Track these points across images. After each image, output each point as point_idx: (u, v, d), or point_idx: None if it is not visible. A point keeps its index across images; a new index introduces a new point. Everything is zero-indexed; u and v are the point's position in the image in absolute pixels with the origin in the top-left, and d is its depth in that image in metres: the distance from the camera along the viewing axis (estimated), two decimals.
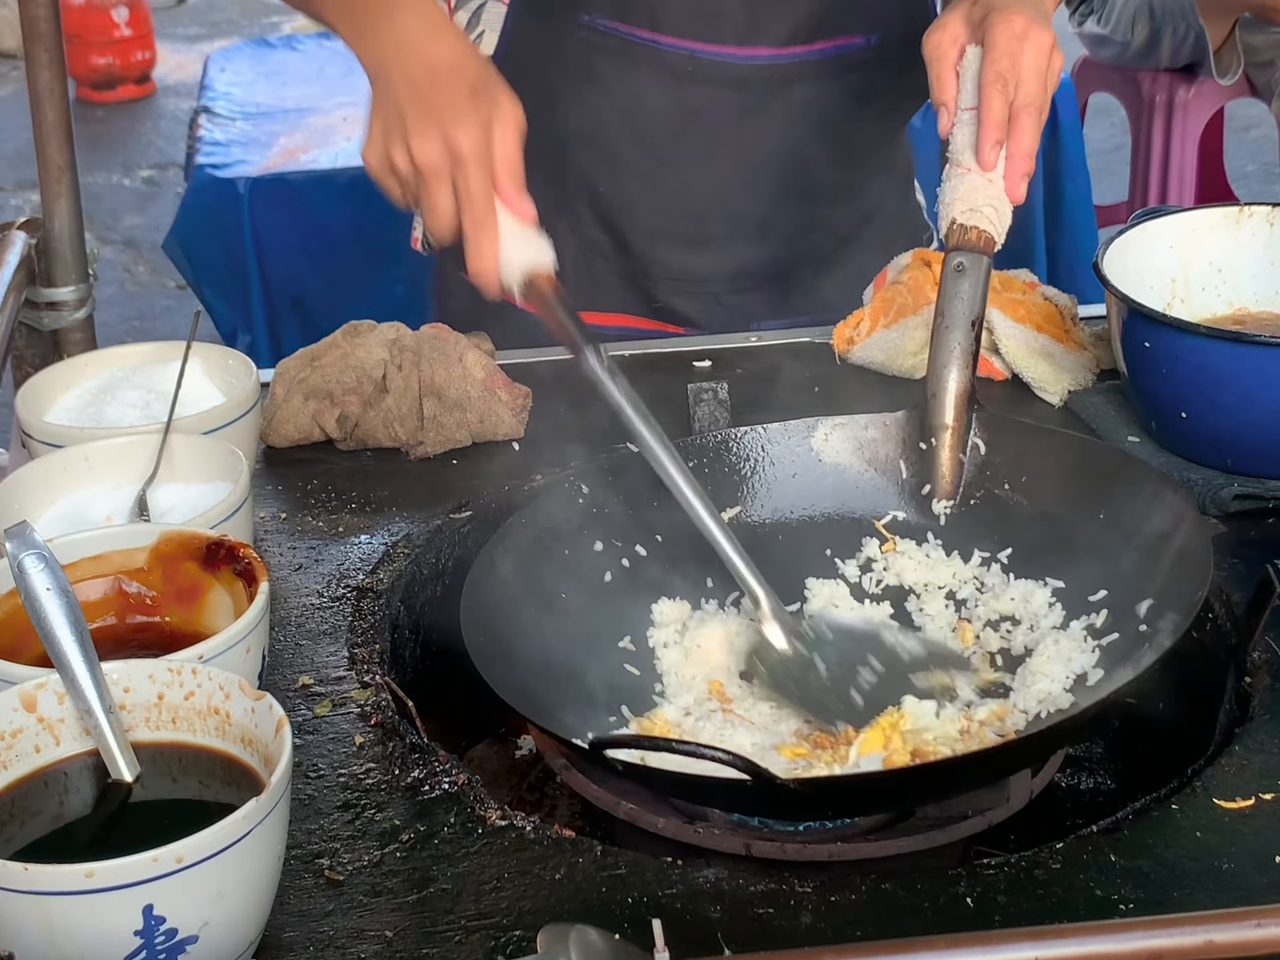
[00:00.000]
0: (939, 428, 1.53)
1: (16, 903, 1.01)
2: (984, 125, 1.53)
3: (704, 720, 1.40)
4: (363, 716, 1.36)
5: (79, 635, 1.16)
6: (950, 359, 1.52)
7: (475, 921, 1.15)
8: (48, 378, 1.64)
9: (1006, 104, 1.53)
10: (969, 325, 1.53)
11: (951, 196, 1.54)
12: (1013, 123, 1.53)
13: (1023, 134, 1.53)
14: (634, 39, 1.91)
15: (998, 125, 1.53)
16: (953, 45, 1.59)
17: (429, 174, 1.47)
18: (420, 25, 1.53)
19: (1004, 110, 1.53)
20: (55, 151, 1.88)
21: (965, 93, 1.56)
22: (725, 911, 1.16)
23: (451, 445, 1.73)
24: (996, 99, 1.53)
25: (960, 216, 1.52)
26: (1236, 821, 1.22)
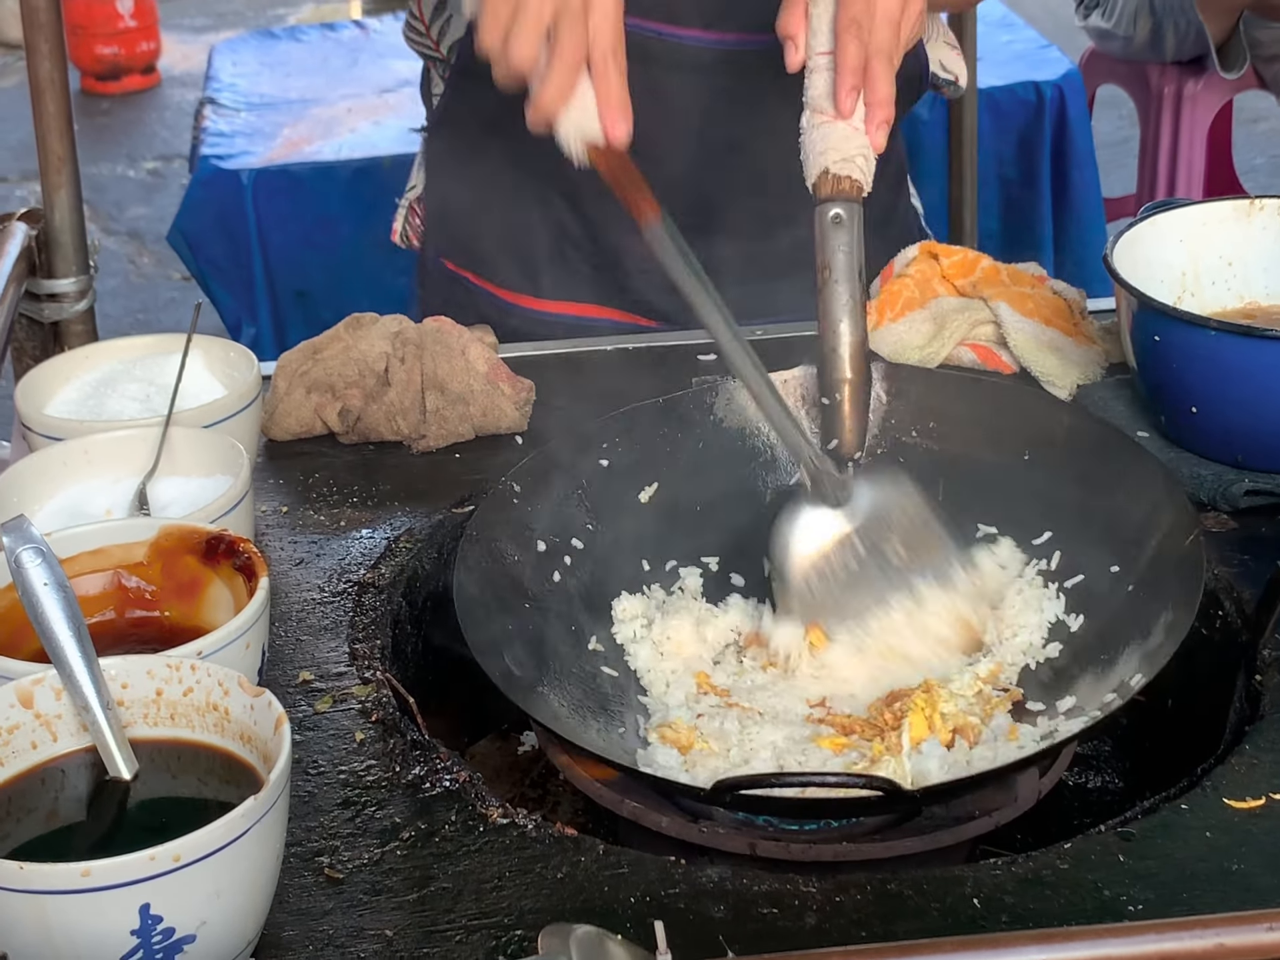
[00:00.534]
0: (839, 382, 1.50)
1: (12, 902, 1.00)
2: (840, 72, 1.50)
3: (720, 719, 1.39)
4: (363, 713, 1.34)
5: (76, 631, 1.15)
6: (843, 312, 1.49)
7: (476, 921, 1.13)
8: (48, 370, 1.63)
9: (862, 49, 1.50)
10: (856, 276, 1.49)
11: (823, 145, 1.50)
12: (865, 70, 1.50)
13: (877, 81, 1.50)
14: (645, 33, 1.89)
15: (854, 71, 1.50)
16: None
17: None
18: None
19: (859, 56, 1.50)
20: (56, 142, 1.87)
21: (820, 37, 1.53)
22: (729, 911, 1.14)
23: (454, 439, 1.72)
24: (851, 44, 1.49)
25: (834, 166, 1.48)
26: (1247, 821, 1.21)
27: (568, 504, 1.53)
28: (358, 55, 4.56)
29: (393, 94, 4.21)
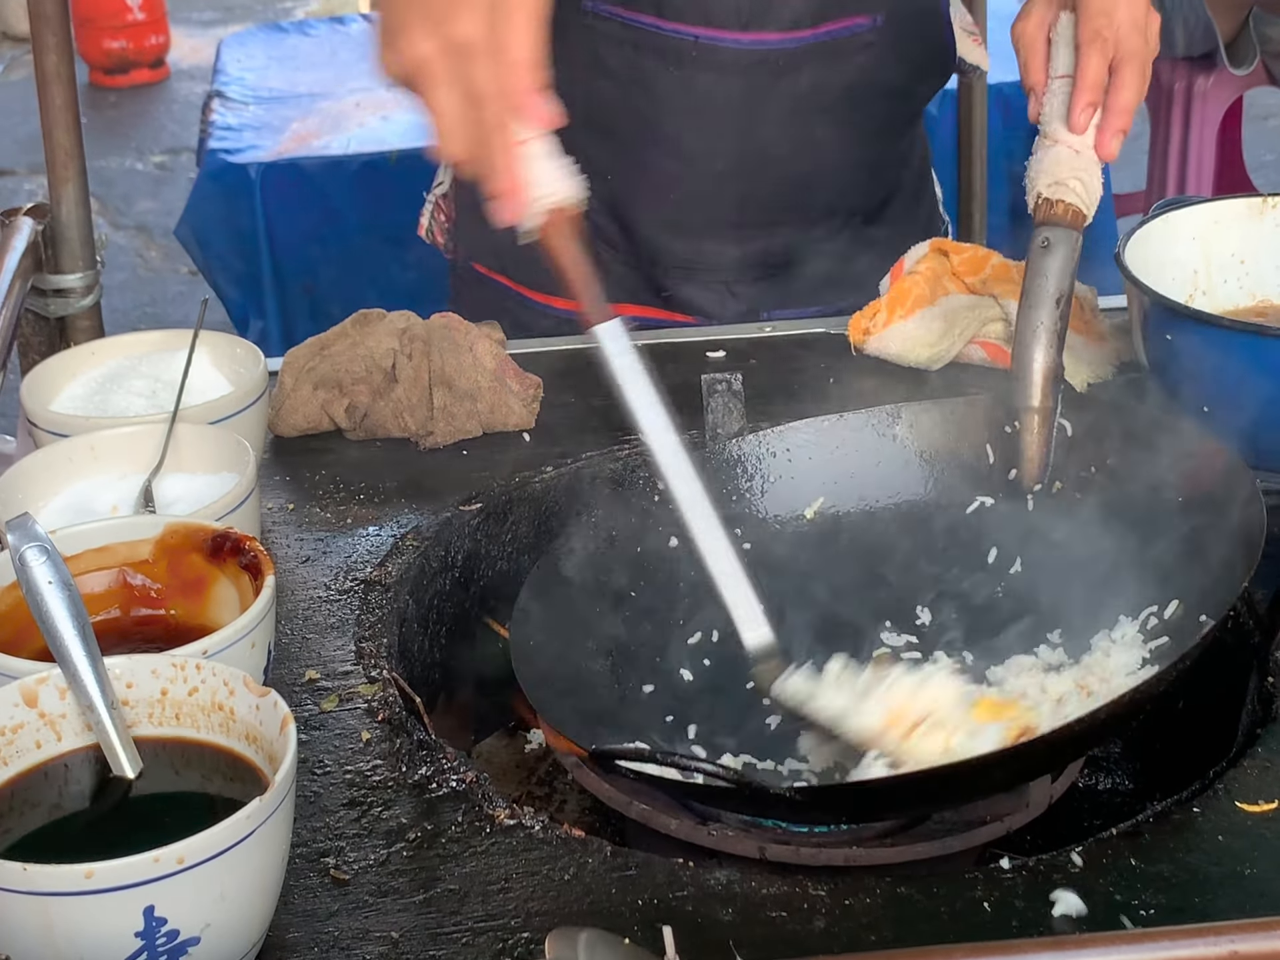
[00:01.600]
0: (1024, 410, 1.47)
1: (14, 903, 0.99)
2: (1078, 87, 1.46)
3: None
4: (370, 712, 1.34)
5: (81, 629, 1.14)
6: (1034, 339, 1.47)
7: (483, 923, 1.13)
8: (54, 366, 1.62)
9: (1105, 62, 1.46)
10: (1054, 303, 1.47)
11: (1037, 170, 1.48)
12: (1113, 76, 1.46)
13: (1124, 88, 1.46)
14: (637, 25, 1.89)
15: (1093, 87, 1.46)
16: (1040, 29, 1.53)
17: (423, 74, 1.24)
18: None
19: (1102, 70, 1.46)
20: (62, 136, 1.86)
21: (1059, 59, 1.50)
22: (737, 914, 1.13)
23: (461, 436, 1.71)
24: (1094, 57, 1.46)
25: (1046, 190, 1.47)
26: (1260, 825, 1.20)
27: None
28: (366, 49, 4.54)
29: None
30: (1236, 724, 1.38)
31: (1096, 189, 1.48)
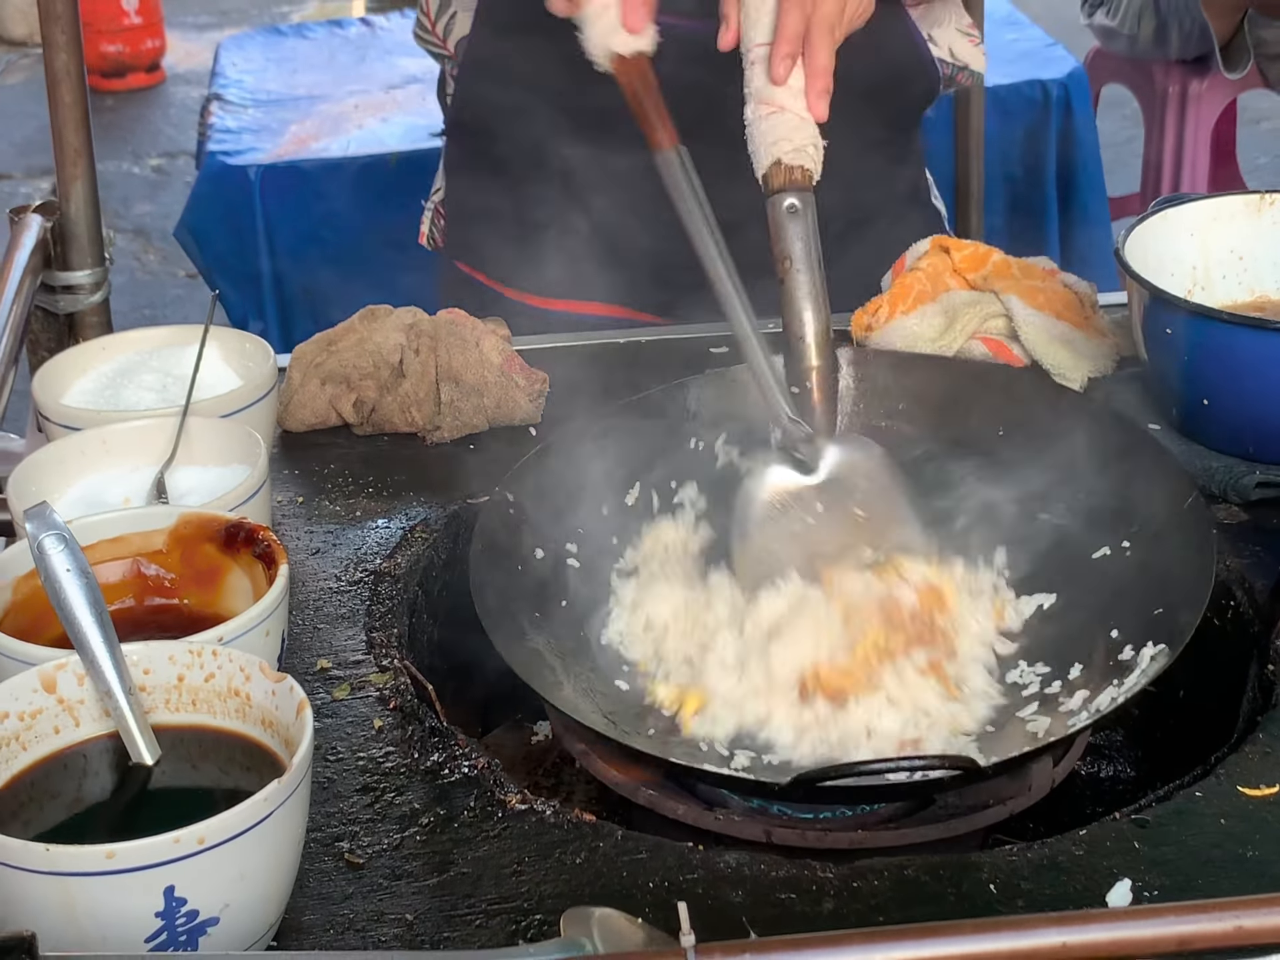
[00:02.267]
0: (807, 370, 1.50)
1: (37, 884, 1.00)
2: (777, 40, 1.52)
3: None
4: (381, 700, 1.35)
5: (99, 616, 1.15)
6: (806, 300, 1.50)
7: (496, 905, 1.14)
8: (65, 361, 1.63)
9: (803, 19, 1.52)
10: (816, 264, 1.50)
11: (773, 136, 1.51)
12: (806, 40, 1.52)
13: (816, 50, 1.52)
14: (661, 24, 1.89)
15: (790, 39, 1.52)
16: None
17: None
18: None
19: (799, 25, 1.52)
20: (72, 134, 1.87)
21: (760, 28, 1.54)
22: (747, 896, 1.15)
23: (468, 430, 1.73)
24: (793, 13, 1.52)
25: (786, 157, 1.50)
26: (1261, 809, 1.22)
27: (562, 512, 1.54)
28: (365, 52, 4.56)
29: (400, 90, 4.21)
30: (1237, 712, 1.40)
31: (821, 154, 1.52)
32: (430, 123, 3.91)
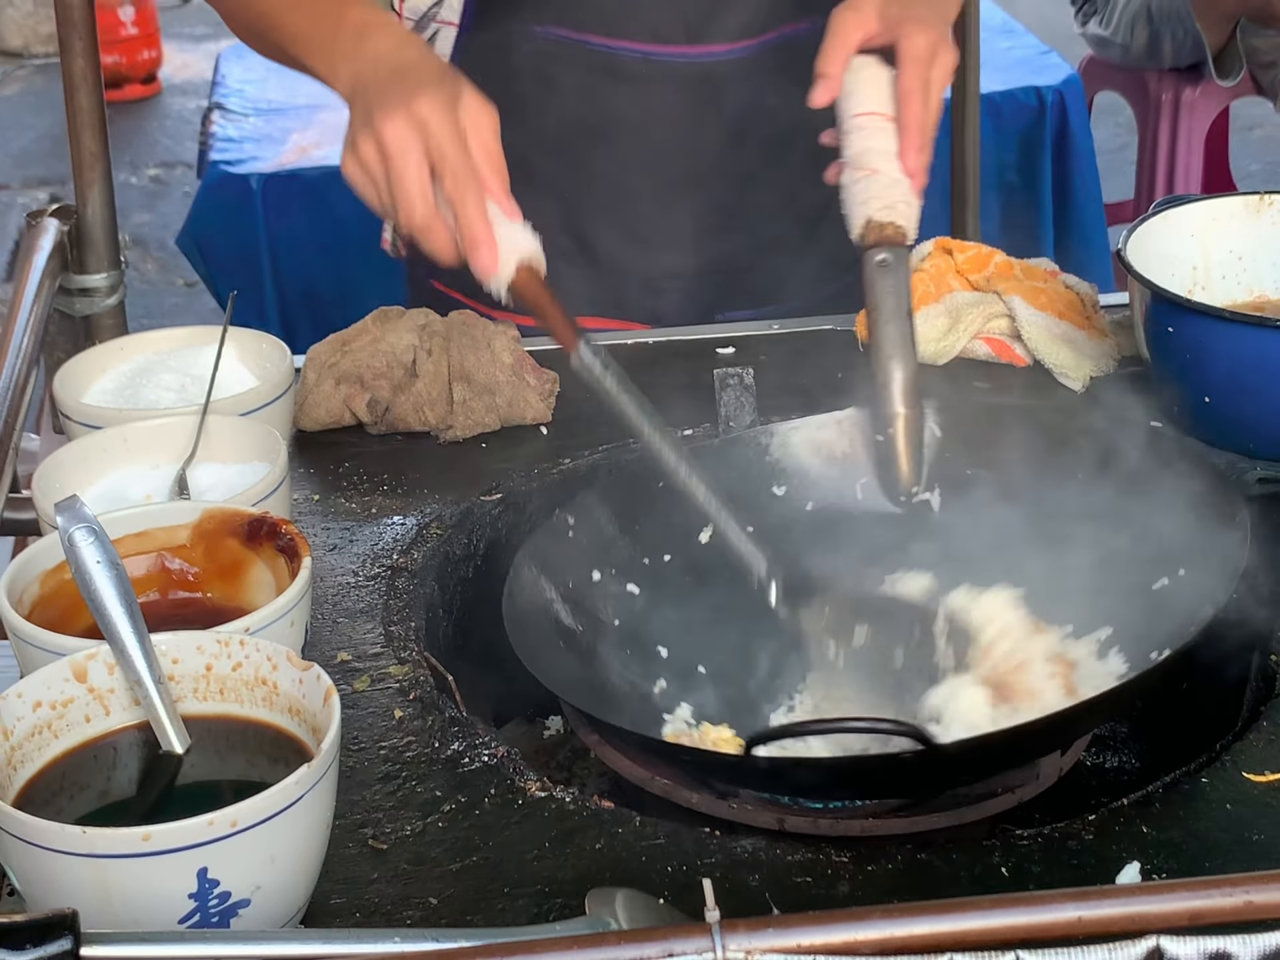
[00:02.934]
0: (891, 417, 1.54)
1: (74, 866, 1.02)
2: (911, 132, 1.59)
3: None
4: (401, 691, 1.38)
5: (129, 607, 1.17)
6: (894, 350, 1.54)
7: (518, 889, 1.16)
8: (84, 361, 1.66)
9: (924, 107, 1.60)
10: (905, 315, 1.55)
11: (865, 195, 1.57)
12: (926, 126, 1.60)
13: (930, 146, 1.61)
14: (588, 45, 1.93)
15: (921, 132, 1.59)
16: (858, 29, 1.64)
17: (396, 151, 1.42)
18: (390, 41, 1.58)
19: (924, 116, 1.60)
20: (89, 139, 1.90)
21: (858, 98, 1.61)
22: (764, 880, 1.17)
23: (480, 429, 1.75)
24: (919, 108, 1.60)
25: (876, 214, 1.55)
26: (1266, 794, 1.24)
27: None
28: None
29: None
30: (1239, 703, 1.42)
31: (918, 214, 1.58)
32: None
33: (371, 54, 1.55)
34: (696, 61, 1.94)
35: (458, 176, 1.43)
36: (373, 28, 1.58)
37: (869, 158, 1.58)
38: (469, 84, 1.51)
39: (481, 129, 1.46)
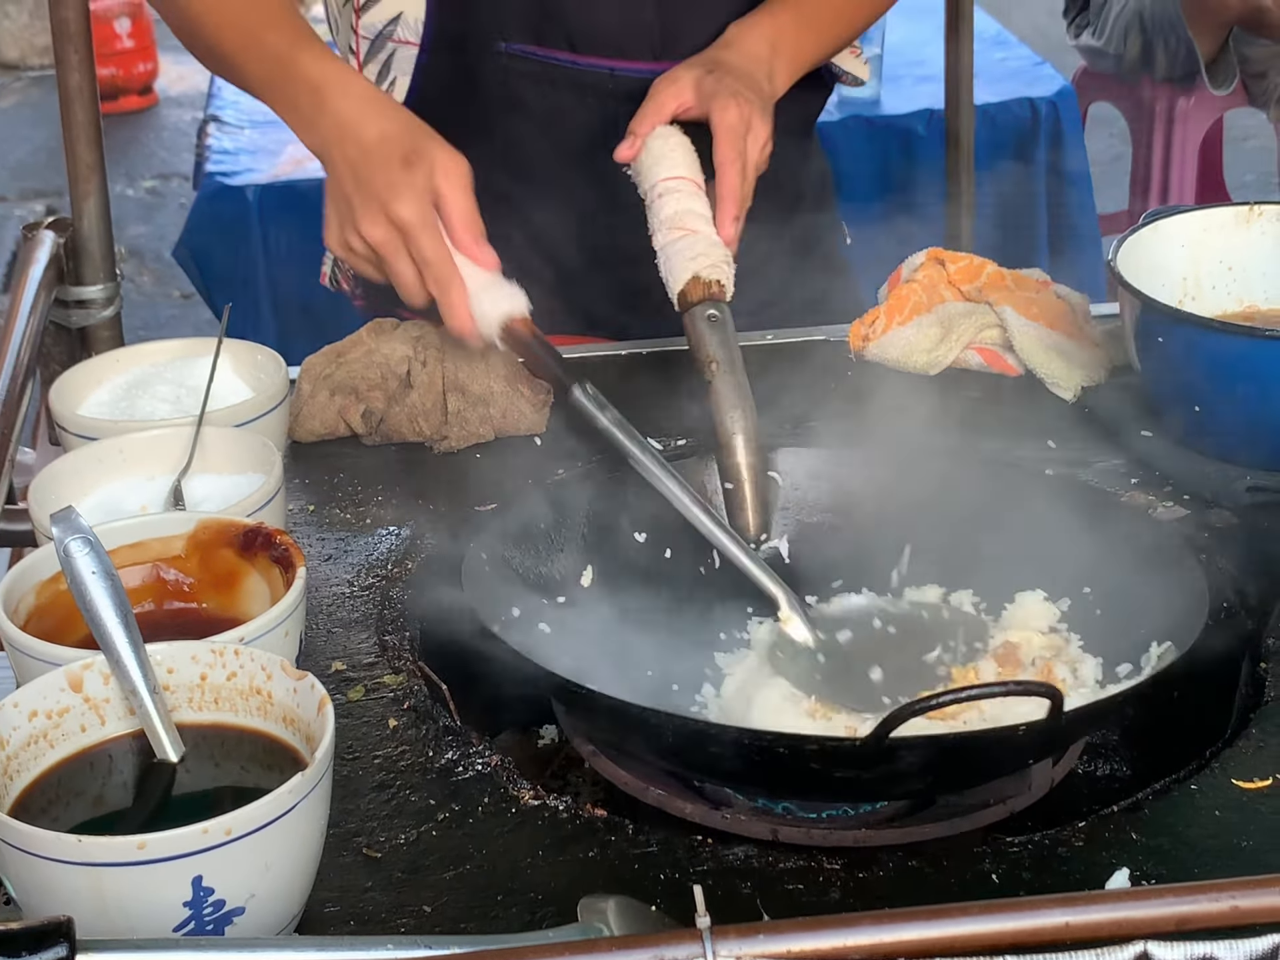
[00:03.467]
0: (737, 466, 1.55)
1: (70, 875, 1.03)
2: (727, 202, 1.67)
3: None
4: (395, 701, 1.38)
5: (124, 617, 1.18)
6: (734, 400, 1.56)
7: (511, 897, 1.17)
8: (80, 373, 1.66)
9: (741, 177, 1.69)
10: (739, 367, 1.58)
11: (691, 253, 1.61)
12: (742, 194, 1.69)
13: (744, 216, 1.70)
14: (553, 61, 1.93)
15: (739, 202, 1.68)
16: (674, 99, 1.74)
17: (383, 252, 1.61)
18: (350, 107, 1.65)
19: (741, 189, 1.69)
20: (85, 150, 1.91)
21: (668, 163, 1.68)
22: (756, 888, 1.18)
23: (475, 440, 1.76)
24: (735, 178, 1.68)
25: (703, 272, 1.60)
26: (1255, 801, 1.25)
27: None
28: None
29: None
30: (1229, 712, 1.43)
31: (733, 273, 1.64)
32: None
33: (334, 123, 1.64)
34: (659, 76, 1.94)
35: (439, 277, 1.59)
36: (329, 87, 1.65)
37: (687, 219, 1.63)
38: (436, 140, 1.62)
39: (453, 189, 1.59)
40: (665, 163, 1.66)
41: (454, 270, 1.59)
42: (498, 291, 1.60)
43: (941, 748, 1.23)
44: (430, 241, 1.58)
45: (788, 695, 1.41)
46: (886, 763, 1.21)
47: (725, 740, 1.24)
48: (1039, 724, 1.19)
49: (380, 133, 1.62)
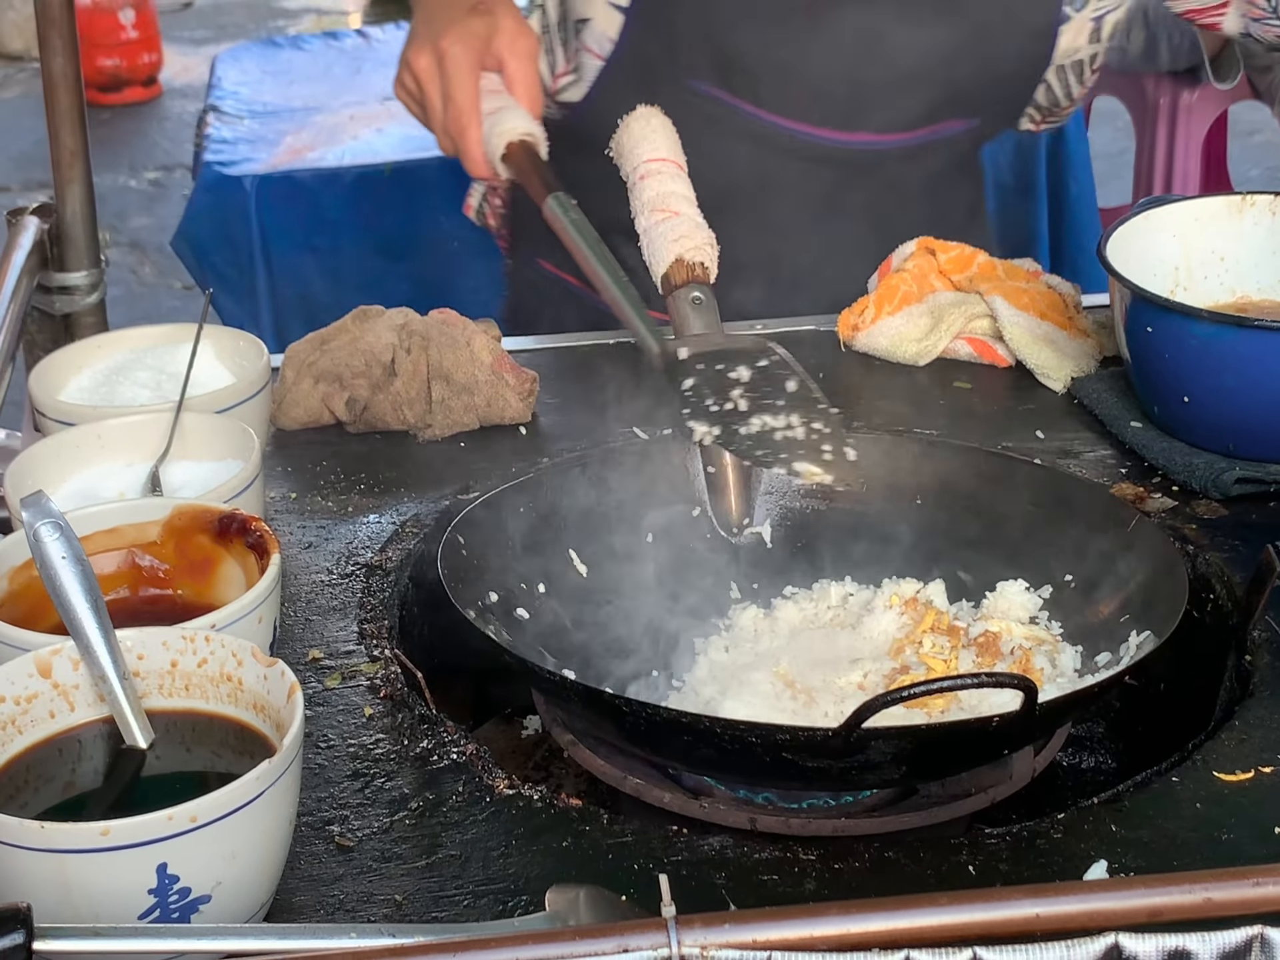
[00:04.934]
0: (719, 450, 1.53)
1: (32, 861, 1.02)
2: None
3: None
4: (372, 689, 1.37)
5: (94, 603, 1.17)
6: None
7: (484, 886, 1.16)
8: (61, 358, 1.65)
9: None
10: None
11: (674, 235, 1.59)
12: None
13: None
14: (736, 109, 1.93)
15: None
16: None
17: (421, 79, 1.69)
18: None
19: None
20: (68, 137, 1.89)
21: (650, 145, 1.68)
22: (730, 878, 1.17)
23: (459, 429, 1.75)
24: None
25: (687, 254, 1.58)
26: (1236, 794, 1.24)
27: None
28: (360, 63, 4.58)
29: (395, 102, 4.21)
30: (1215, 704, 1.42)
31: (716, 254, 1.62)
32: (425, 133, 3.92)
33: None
34: (843, 147, 1.94)
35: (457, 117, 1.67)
36: None
37: (669, 200, 1.62)
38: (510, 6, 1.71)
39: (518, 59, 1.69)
40: (646, 144, 1.65)
41: (473, 115, 1.66)
42: (507, 114, 1.66)
43: (914, 738, 1.21)
44: (460, 81, 1.65)
45: (769, 680, 1.40)
46: (859, 753, 1.19)
47: (698, 729, 1.23)
48: (1012, 715, 1.18)
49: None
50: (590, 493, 1.57)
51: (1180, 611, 1.31)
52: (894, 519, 1.55)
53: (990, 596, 1.48)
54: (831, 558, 1.56)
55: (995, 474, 1.56)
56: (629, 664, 1.48)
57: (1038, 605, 1.47)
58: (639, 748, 1.35)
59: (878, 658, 1.44)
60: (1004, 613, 1.45)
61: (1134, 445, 1.69)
